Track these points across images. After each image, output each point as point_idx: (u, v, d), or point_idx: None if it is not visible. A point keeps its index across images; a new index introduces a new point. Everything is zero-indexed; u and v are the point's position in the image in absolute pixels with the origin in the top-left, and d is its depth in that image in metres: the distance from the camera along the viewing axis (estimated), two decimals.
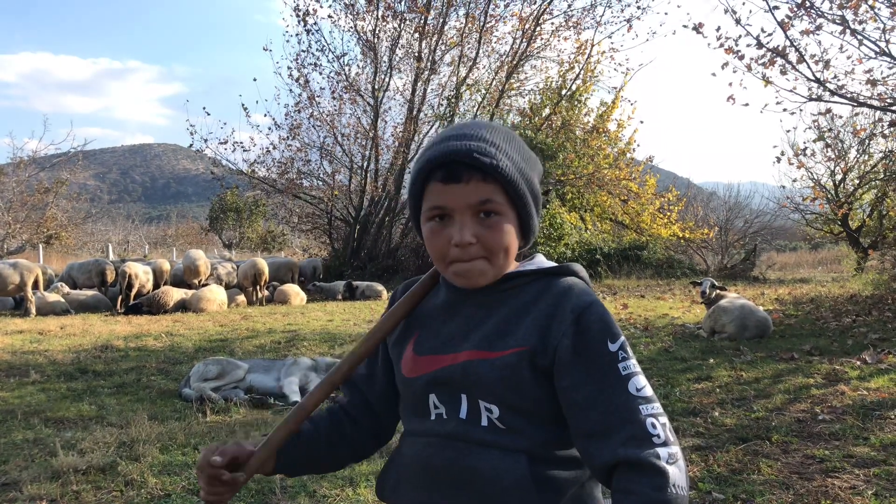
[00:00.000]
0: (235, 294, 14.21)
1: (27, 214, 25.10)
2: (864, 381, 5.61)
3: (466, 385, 1.20)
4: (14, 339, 8.90)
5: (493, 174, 1.16)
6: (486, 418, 1.19)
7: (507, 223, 1.20)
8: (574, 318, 1.16)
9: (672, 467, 1.07)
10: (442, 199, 1.18)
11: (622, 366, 1.13)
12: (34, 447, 4.28)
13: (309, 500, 3.35)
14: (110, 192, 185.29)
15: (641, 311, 11.32)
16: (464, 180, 1.17)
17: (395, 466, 1.32)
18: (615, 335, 1.16)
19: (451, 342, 1.25)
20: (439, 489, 1.21)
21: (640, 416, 1.10)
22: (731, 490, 3.38)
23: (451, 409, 1.23)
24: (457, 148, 1.17)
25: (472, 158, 1.16)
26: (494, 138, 1.20)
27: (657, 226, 21.17)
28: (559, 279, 1.25)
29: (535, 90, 23.04)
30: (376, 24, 20.55)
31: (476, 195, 1.17)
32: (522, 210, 1.22)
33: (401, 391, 1.35)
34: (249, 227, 39.41)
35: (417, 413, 1.29)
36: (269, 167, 21.21)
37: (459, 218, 1.18)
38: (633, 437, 1.09)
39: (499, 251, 1.20)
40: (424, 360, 1.27)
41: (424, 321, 1.33)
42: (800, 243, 31.17)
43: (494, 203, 1.18)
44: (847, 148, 17.85)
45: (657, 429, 1.09)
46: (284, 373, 5.90)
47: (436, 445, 1.23)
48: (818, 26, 9.37)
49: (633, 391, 1.12)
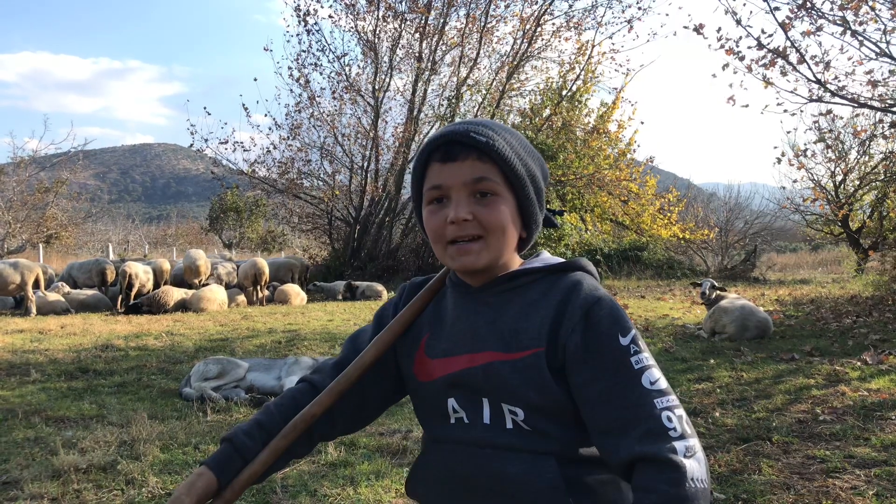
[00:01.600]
0: (236, 294, 14.21)
1: (27, 214, 25.11)
2: (865, 381, 5.60)
3: (488, 388, 1.19)
4: (15, 339, 8.90)
5: (489, 153, 1.19)
6: (511, 421, 1.18)
7: (503, 205, 1.21)
8: (583, 313, 1.15)
9: (690, 461, 1.06)
10: (439, 178, 1.21)
11: (635, 359, 1.12)
12: (35, 446, 4.27)
13: (310, 499, 3.34)
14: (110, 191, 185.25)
15: (642, 312, 11.32)
16: (460, 158, 1.20)
17: (421, 473, 1.31)
18: (626, 328, 1.14)
19: (462, 342, 1.24)
20: (469, 497, 1.20)
21: (655, 410, 1.08)
22: (731, 490, 3.38)
23: (473, 413, 1.21)
24: (454, 128, 1.21)
25: (468, 137, 1.19)
26: (493, 126, 1.23)
27: (657, 226, 21.17)
28: (566, 275, 1.24)
29: (535, 91, 23.07)
30: (377, 24, 20.57)
31: (471, 173, 1.19)
32: (520, 192, 1.22)
33: (414, 397, 1.34)
34: (250, 227, 39.39)
35: (436, 418, 1.28)
36: (270, 167, 21.23)
37: (455, 196, 1.20)
38: (650, 433, 1.07)
39: (495, 230, 1.20)
40: (438, 363, 1.26)
41: (433, 323, 1.32)
42: (800, 244, 31.19)
43: (490, 182, 1.20)
44: (847, 149, 17.84)
45: (673, 422, 1.08)
46: (285, 372, 5.90)
47: (462, 453, 1.21)
48: (819, 27, 9.38)
49: (648, 385, 1.10)
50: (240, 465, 1.24)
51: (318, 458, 3.96)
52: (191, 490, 1.17)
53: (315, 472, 3.75)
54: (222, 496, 1.21)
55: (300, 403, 1.31)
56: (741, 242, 23.07)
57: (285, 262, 16.78)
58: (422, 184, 1.26)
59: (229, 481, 1.22)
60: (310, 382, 1.38)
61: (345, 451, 4.09)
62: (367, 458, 3.96)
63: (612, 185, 21.03)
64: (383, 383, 1.38)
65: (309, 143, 21.35)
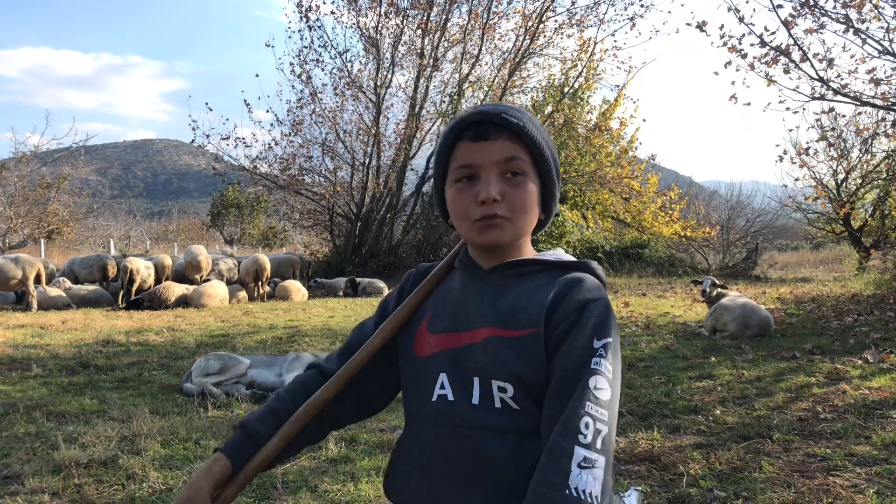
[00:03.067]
0: (237, 290, 14.22)
1: (29, 209, 25.12)
2: (866, 380, 5.60)
3: (484, 362, 1.21)
4: (16, 334, 8.91)
5: (520, 134, 1.24)
6: (500, 399, 1.19)
7: (531, 183, 1.26)
8: (579, 307, 1.18)
9: (582, 472, 1.05)
10: (470, 157, 1.25)
11: (595, 360, 1.14)
12: (36, 440, 4.28)
13: (310, 495, 3.35)
14: (112, 187, 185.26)
15: (643, 310, 11.32)
16: (492, 138, 1.24)
17: (402, 462, 1.30)
18: (605, 334, 1.17)
19: (467, 320, 1.26)
20: (456, 481, 1.20)
21: (581, 410, 1.10)
22: (732, 488, 3.38)
23: (462, 394, 1.22)
24: (487, 108, 1.26)
25: (501, 119, 1.24)
26: (521, 110, 1.28)
27: (659, 224, 21.16)
28: (574, 272, 1.27)
29: (537, 88, 23.03)
30: (379, 20, 20.54)
31: (504, 152, 1.24)
32: (547, 175, 1.28)
33: (405, 373, 1.34)
34: (251, 224, 39.42)
35: (419, 396, 1.28)
36: (271, 163, 21.23)
37: (486, 175, 1.24)
38: (564, 424, 1.09)
39: (522, 211, 1.25)
40: (440, 338, 1.28)
41: (437, 302, 1.34)
42: (801, 243, 31.18)
43: (521, 161, 1.25)
44: (850, 147, 17.80)
45: (588, 430, 1.08)
46: (286, 368, 5.91)
47: (448, 437, 1.22)
48: (822, 25, 9.36)
49: (591, 386, 1.12)
50: (253, 451, 1.27)
51: (318, 453, 3.96)
52: (207, 475, 1.22)
53: (316, 467, 3.75)
54: (235, 481, 1.24)
55: (311, 389, 1.33)
56: (742, 240, 23.06)
57: (286, 259, 16.79)
58: (447, 161, 1.29)
59: (242, 466, 1.26)
60: (319, 369, 1.40)
61: (345, 446, 4.10)
62: (367, 454, 3.96)
63: (614, 182, 21.01)
64: (391, 368, 1.39)
65: (310, 139, 21.36)
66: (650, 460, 3.82)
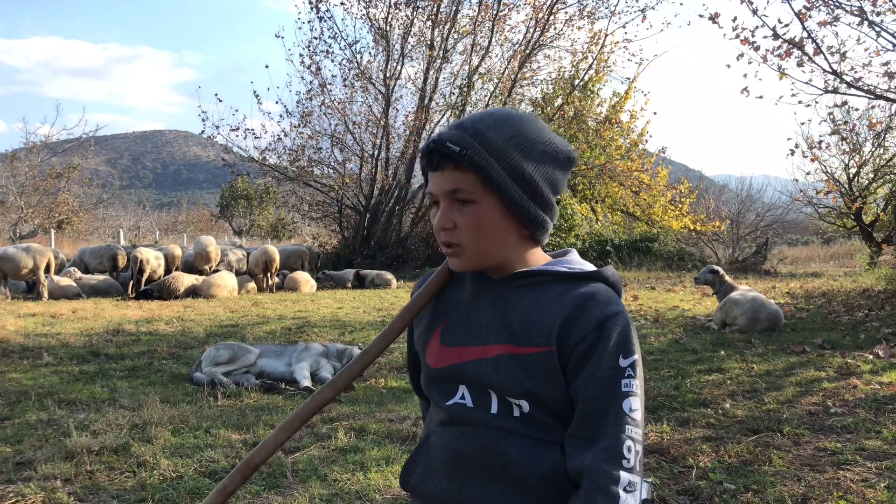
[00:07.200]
0: (246, 280, 14.27)
1: (39, 199, 25.29)
2: (877, 374, 5.57)
3: (497, 380, 1.20)
4: (27, 322, 8.97)
5: (464, 162, 1.18)
6: (518, 411, 1.21)
7: (482, 211, 1.20)
8: (597, 324, 1.16)
9: (628, 496, 1.10)
10: (430, 186, 1.25)
11: (625, 382, 1.15)
12: (48, 428, 4.32)
13: (320, 484, 3.36)
14: (121, 177, 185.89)
15: (652, 303, 11.29)
16: (440, 168, 1.21)
17: (422, 456, 1.31)
18: (630, 351, 1.17)
19: (478, 334, 1.25)
20: (471, 478, 1.22)
21: (622, 434, 1.13)
22: (742, 481, 3.37)
23: (481, 402, 1.24)
24: (438, 136, 1.22)
25: (445, 147, 1.19)
26: (480, 126, 1.20)
27: (668, 218, 21.07)
28: (587, 282, 1.23)
29: (547, 80, 22.91)
30: (389, 11, 20.47)
31: (448, 184, 1.21)
32: (505, 195, 1.19)
33: (426, 381, 1.35)
34: (260, 215, 39.51)
35: (438, 399, 1.30)
36: (280, 155, 21.22)
37: (443, 203, 1.23)
38: (607, 451, 1.12)
39: (476, 238, 1.21)
40: (452, 351, 1.27)
41: (450, 311, 1.32)
42: (812, 237, 30.89)
43: (465, 192, 1.20)
44: (862, 141, 17.63)
45: (630, 454, 1.12)
46: (295, 358, 5.93)
47: (468, 435, 1.23)
48: (836, 17, 9.28)
49: (626, 409, 1.14)
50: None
51: (328, 443, 3.98)
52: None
53: (325, 457, 3.77)
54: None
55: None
56: (752, 235, 22.92)
57: (296, 250, 16.83)
58: None
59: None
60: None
61: (355, 436, 4.11)
62: (376, 444, 3.97)
63: (624, 175, 20.92)
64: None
65: (320, 130, 21.33)
66: (660, 452, 3.82)
